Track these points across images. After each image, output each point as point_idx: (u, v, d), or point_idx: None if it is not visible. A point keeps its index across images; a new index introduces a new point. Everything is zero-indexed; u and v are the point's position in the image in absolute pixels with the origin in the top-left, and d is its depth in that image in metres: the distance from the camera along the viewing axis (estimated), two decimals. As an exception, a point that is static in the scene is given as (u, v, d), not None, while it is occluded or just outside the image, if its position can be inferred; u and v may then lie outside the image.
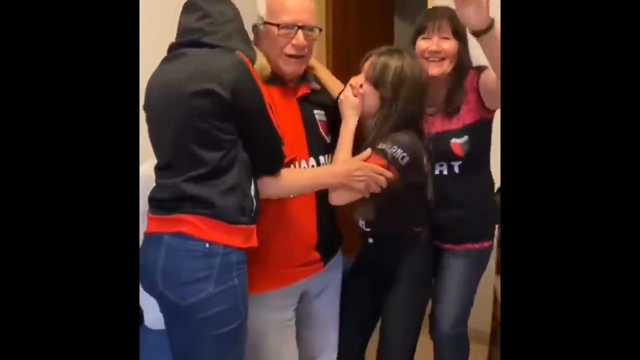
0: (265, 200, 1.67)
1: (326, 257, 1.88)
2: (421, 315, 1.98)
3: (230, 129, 1.53)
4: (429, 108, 1.98)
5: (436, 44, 1.91)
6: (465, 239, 2.04)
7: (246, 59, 1.55)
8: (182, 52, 1.57)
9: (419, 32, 1.97)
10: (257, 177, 1.63)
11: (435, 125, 1.98)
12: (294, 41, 1.71)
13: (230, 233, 1.54)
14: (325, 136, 1.86)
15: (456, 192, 1.99)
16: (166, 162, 1.58)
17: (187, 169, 1.52)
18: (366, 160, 1.72)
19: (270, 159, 1.64)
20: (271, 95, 1.73)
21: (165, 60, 1.62)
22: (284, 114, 1.75)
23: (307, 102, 1.84)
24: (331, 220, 1.87)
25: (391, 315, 1.92)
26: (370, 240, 1.97)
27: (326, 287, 1.95)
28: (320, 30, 1.79)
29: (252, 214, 1.59)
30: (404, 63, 1.79)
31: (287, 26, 1.71)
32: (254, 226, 1.62)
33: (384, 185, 1.71)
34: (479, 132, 1.97)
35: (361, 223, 1.92)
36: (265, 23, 1.74)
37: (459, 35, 1.92)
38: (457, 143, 1.95)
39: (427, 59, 1.92)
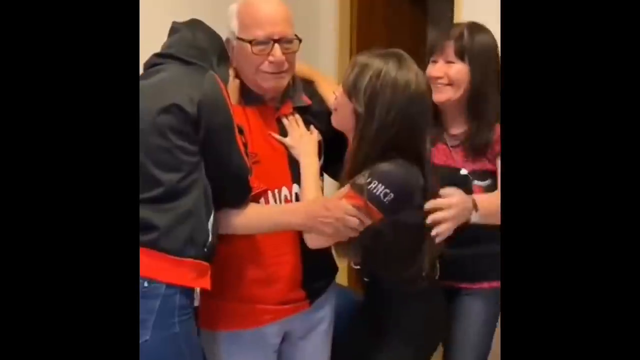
0: None
1: (313, 294, 1.68)
2: None
3: (192, 150, 1.41)
4: (450, 140, 1.78)
5: (437, 69, 1.74)
6: (483, 275, 1.81)
7: (218, 78, 1.45)
8: (155, 69, 1.49)
9: (429, 54, 1.79)
10: (218, 209, 1.47)
11: (457, 160, 1.77)
12: (270, 57, 1.53)
13: (176, 268, 1.38)
14: None
15: (474, 228, 1.74)
16: None
17: (140, 190, 1.35)
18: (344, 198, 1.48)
19: (233, 189, 1.49)
20: (247, 118, 1.57)
21: (140, 78, 1.50)
22: (263, 137, 1.59)
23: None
24: (320, 251, 1.62)
25: None
26: (366, 279, 1.72)
27: (315, 326, 1.73)
28: (301, 40, 1.58)
29: (205, 249, 1.43)
30: (385, 68, 1.45)
31: (262, 42, 1.52)
32: (207, 264, 1.45)
33: (359, 227, 1.47)
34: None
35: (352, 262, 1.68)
36: (238, 39, 1.56)
37: (472, 58, 1.70)
38: (480, 186, 1.74)
39: (434, 84, 1.72)
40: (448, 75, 1.72)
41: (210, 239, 1.44)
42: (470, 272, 1.82)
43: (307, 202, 1.56)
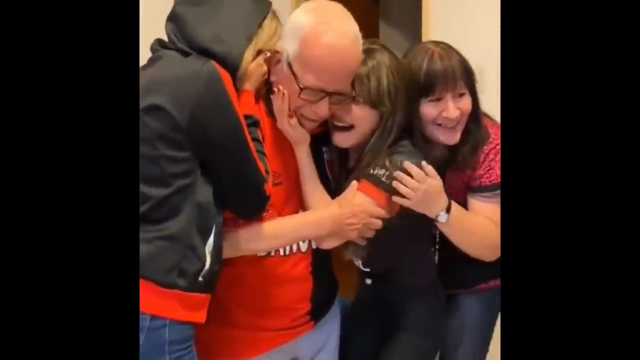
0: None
1: (318, 315, 1.58)
2: None
3: (183, 159, 1.21)
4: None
5: (452, 108, 1.53)
6: (476, 281, 1.75)
7: (222, 72, 1.22)
8: (157, 56, 1.30)
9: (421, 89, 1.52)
10: (231, 224, 1.33)
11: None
12: (314, 107, 1.36)
13: (160, 298, 1.19)
14: (331, 177, 1.55)
15: None
16: None
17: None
18: (358, 190, 1.42)
19: (247, 200, 1.29)
20: (272, 128, 1.43)
21: (142, 67, 1.30)
22: (283, 152, 1.45)
23: (315, 138, 1.49)
24: (328, 271, 1.57)
25: None
26: (368, 282, 1.68)
27: (323, 346, 1.64)
28: (354, 97, 1.41)
29: (201, 278, 1.24)
30: (388, 60, 1.44)
31: (313, 90, 1.34)
32: (203, 295, 1.27)
33: (379, 226, 1.43)
34: None
35: (357, 262, 1.62)
36: (289, 66, 1.34)
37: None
38: None
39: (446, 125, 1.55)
40: (463, 111, 1.50)
41: (207, 266, 1.25)
42: (464, 278, 1.75)
43: (329, 209, 1.43)
